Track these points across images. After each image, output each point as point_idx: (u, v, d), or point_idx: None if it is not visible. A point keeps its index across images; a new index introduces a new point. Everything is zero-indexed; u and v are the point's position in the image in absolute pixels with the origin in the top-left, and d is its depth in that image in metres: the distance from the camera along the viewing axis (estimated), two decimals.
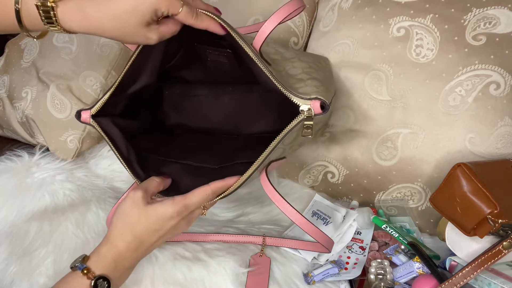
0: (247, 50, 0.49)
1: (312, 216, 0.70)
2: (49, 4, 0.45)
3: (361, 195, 0.75)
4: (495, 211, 0.50)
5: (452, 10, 0.68)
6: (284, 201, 0.52)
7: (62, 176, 0.80)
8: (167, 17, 0.50)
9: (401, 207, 0.70)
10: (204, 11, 0.50)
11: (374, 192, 0.73)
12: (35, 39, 0.51)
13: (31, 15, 0.46)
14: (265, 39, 0.51)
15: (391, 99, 0.69)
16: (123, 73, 0.56)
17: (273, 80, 0.49)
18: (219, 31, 0.51)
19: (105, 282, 0.48)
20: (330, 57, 0.77)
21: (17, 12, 0.46)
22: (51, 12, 0.45)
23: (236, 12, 0.89)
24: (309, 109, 0.48)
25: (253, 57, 0.50)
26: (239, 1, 0.90)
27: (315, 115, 0.48)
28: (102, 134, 0.58)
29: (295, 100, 0.48)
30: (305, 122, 0.49)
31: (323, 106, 0.47)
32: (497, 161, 0.60)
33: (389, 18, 0.72)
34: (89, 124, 0.57)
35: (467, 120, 0.64)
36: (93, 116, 0.57)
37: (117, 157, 0.58)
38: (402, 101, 0.69)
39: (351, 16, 0.76)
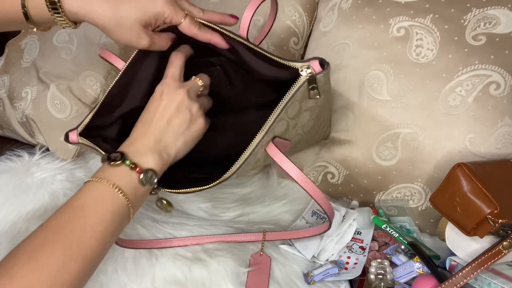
0: (234, 37, 0.50)
1: (312, 216, 0.70)
2: None
3: (361, 195, 0.75)
4: (495, 211, 0.50)
5: (452, 10, 0.68)
6: (291, 163, 0.50)
7: (62, 176, 0.80)
8: (166, 30, 0.51)
9: (401, 207, 0.70)
10: (206, 23, 0.51)
11: (374, 192, 0.73)
12: (34, 29, 0.51)
13: (36, 1, 0.46)
14: (248, 27, 0.52)
15: (391, 99, 0.69)
16: (107, 92, 0.56)
17: (267, 54, 0.49)
18: (221, 43, 0.52)
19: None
20: (330, 56, 0.77)
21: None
22: None
23: (236, 13, 0.89)
24: (309, 67, 0.47)
25: (241, 41, 0.50)
26: (240, 2, 0.90)
27: (316, 73, 0.47)
28: (92, 145, 0.55)
29: (294, 64, 0.48)
30: (310, 83, 0.48)
31: (322, 64, 0.47)
32: (497, 161, 0.60)
33: (389, 18, 0.72)
34: (78, 144, 0.55)
35: (467, 120, 0.64)
36: (81, 135, 0.55)
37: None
38: (402, 101, 0.69)
39: (351, 16, 0.76)
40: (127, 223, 0.47)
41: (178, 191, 0.51)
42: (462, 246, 0.55)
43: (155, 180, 0.47)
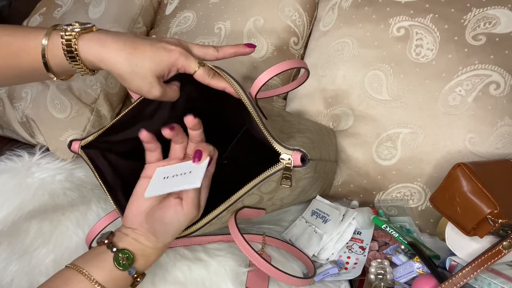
0: (242, 97, 0.50)
1: (312, 215, 0.70)
2: (72, 33, 0.47)
3: (361, 195, 0.75)
4: (495, 211, 0.50)
5: (452, 10, 0.68)
6: (250, 248, 0.52)
7: (62, 176, 0.80)
8: (174, 79, 0.53)
9: (401, 207, 0.70)
10: (219, 72, 0.52)
11: (374, 193, 0.73)
12: (55, 79, 0.52)
13: (55, 49, 0.48)
14: (260, 88, 0.52)
15: (391, 99, 0.69)
16: (116, 118, 0.57)
17: (259, 125, 0.49)
18: (235, 93, 0.52)
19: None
20: (330, 55, 0.77)
21: (44, 49, 0.48)
22: (73, 40, 0.47)
23: (237, 13, 0.89)
24: (289, 159, 0.47)
25: (246, 104, 0.50)
26: (240, 2, 0.90)
27: (294, 166, 0.47)
28: (88, 162, 0.58)
29: (277, 147, 0.48)
30: (284, 172, 0.49)
31: (303, 159, 0.47)
32: (497, 161, 0.60)
33: (389, 17, 0.72)
34: (77, 153, 0.58)
35: (467, 120, 0.64)
36: (84, 147, 0.57)
37: (100, 184, 0.58)
38: (402, 101, 0.69)
39: (351, 15, 0.76)
40: None
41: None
42: (462, 246, 0.55)
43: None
